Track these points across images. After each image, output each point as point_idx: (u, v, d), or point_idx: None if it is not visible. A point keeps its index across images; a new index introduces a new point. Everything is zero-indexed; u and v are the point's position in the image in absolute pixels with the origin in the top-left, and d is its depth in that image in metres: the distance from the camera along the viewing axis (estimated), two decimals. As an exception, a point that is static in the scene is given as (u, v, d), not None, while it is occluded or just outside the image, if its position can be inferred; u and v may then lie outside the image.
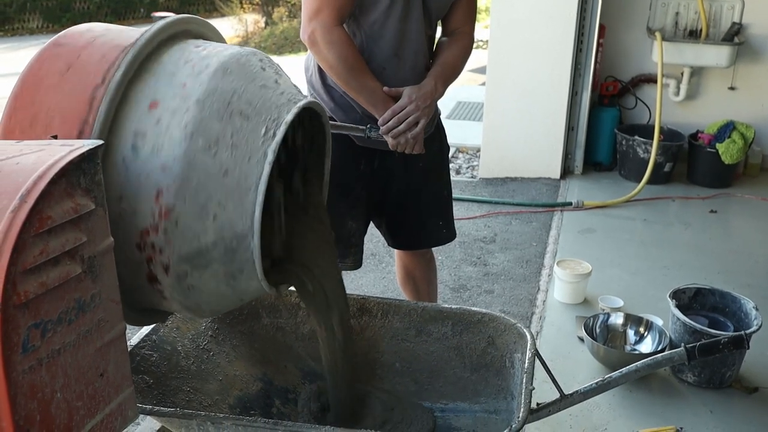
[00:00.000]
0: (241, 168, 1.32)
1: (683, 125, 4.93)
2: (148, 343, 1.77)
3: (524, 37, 4.66)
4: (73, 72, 1.30)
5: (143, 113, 1.29)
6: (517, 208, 4.47)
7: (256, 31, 14.57)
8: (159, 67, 1.34)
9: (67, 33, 1.37)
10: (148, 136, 1.28)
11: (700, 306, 2.80)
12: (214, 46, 1.43)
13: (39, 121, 1.27)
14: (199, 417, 1.48)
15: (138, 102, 1.30)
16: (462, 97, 7.18)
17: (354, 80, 2.04)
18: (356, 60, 2.02)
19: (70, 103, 1.27)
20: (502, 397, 1.85)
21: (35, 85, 1.30)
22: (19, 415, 0.98)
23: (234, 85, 1.35)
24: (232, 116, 1.32)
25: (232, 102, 1.33)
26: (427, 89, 2.09)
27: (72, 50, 1.33)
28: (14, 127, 1.29)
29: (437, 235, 2.45)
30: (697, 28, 4.89)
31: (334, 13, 1.97)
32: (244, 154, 1.32)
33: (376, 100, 2.06)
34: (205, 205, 1.30)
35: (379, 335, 1.94)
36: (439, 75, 2.14)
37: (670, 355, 1.87)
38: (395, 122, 2.05)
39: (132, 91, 1.30)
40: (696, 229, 4.17)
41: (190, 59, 1.36)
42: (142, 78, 1.32)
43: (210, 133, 1.29)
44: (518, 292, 3.45)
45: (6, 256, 0.94)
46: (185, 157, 1.27)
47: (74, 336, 1.08)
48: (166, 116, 1.29)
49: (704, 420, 2.47)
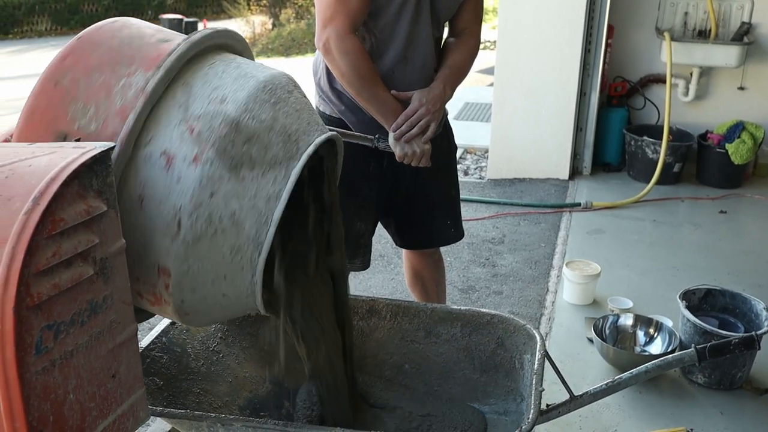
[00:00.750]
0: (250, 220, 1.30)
1: (692, 125, 4.92)
2: (159, 345, 1.78)
3: (532, 37, 4.65)
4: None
5: (152, 160, 1.26)
6: (525, 209, 4.47)
7: (264, 32, 14.61)
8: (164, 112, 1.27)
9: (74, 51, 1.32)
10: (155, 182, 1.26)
11: (710, 307, 2.79)
12: (221, 94, 1.30)
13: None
14: (209, 419, 1.48)
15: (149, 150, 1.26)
16: (470, 98, 7.18)
17: (365, 91, 2.05)
18: (368, 70, 2.03)
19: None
20: (512, 399, 1.85)
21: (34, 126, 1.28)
22: (32, 416, 0.99)
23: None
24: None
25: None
26: (437, 92, 2.10)
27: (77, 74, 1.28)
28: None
29: (445, 235, 2.45)
30: (707, 28, 4.88)
31: (348, 20, 1.98)
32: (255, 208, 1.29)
33: (386, 111, 2.07)
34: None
35: (388, 337, 1.94)
36: (448, 78, 2.14)
37: (680, 356, 1.86)
38: (407, 127, 2.06)
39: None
40: (706, 229, 4.15)
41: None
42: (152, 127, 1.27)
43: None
44: (527, 293, 3.45)
45: (19, 258, 0.95)
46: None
47: (87, 337, 1.08)
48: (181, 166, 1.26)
49: (714, 421, 2.46)
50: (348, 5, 1.96)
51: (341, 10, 1.96)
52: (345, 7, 1.96)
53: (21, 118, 1.27)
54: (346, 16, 1.97)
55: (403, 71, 2.11)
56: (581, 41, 4.59)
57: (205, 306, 1.35)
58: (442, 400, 1.87)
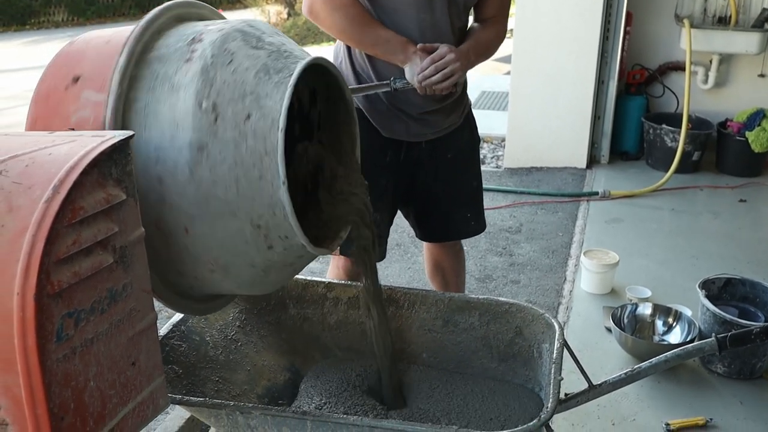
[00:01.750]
0: (263, 167, 1.28)
1: (712, 113, 4.87)
2: (177, 334, 1.79)
3: (550, 25, 4.62)
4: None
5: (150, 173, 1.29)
6: (542, 198, 4.44)
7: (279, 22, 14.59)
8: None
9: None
10: (167, 186, 1.28)
11: (730, 296, 2.77)
12: (180, 59, 1.31)
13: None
14: (228, 407, 1.49)
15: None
16: (486, 87, 7.15)
17: (366, 36, 2.01)
18: (364, 16, 2.00)
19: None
20: (530, 388, 1.84)
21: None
22: (53, 403, 1.00)
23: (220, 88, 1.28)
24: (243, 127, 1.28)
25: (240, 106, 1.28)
26: (465, 50, 2.04)
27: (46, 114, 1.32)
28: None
29: (465, 228, 2.42)
30: (726, 15, 4.82)
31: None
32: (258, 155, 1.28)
33: (394, 48, 2.01)
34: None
35: (406, 326, 1.94)
36: (473, 46, 2.08)
37: (700, 345, 1.85)
38: (433, 70, 1.97)
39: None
40: (725, 218, 4.12)
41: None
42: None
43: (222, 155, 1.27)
44: (544, 282, 3.43)
45: (40, 246, 0.95)
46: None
47: (107, 325, 1.09)
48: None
49: (734, 411, 2.44)
50: None
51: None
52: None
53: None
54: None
55: (421, 60, 2.07)
56: (599, 29, 4.55)
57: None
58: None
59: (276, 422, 1.47)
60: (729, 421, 2.38)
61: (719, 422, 2.37)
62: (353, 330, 1.96)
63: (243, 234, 1.30)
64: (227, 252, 1.32)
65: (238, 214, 1.28)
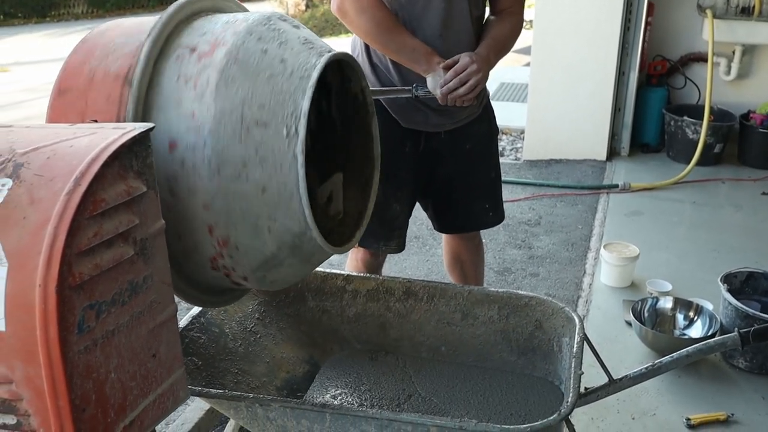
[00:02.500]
0: (277, 179, 1.28)
1: (734, 105, 4.81)
2: (197, 326, 1.79)
3: (570, 16, 4.58)
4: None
5: (166, 157, 1.27)
6: (562, 191, 4.42)
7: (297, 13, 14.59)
8: (160, 97, 1.29)
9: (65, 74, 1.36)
10: (179, 179, 1.27)
11: (752, 290, 2.74)
12: (206, 42, 1.33)
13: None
14: (247, 399, 1.49)
15: (157, 146, 1.26)
16: (506, 79, 7.11)
17: (392, 41, 2.01)
18: (390, 21, 2.00)
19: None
20: (550, 381, 1.83)
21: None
22: (75, 394, 1.00)
23: (241, 93, 1.27)
24: (249, 131, 1.26)
25: (245, 115, 1.26)
26: (484, 54, 2.04)
27: (79, 103, 1.32)
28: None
29: (484, 218, 2.42)
30: (750, 5, 4.74)
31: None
32: (275, 164, 1.27)
33: (418, 57, 2.01)
34: (256, 224, 1.30)
35: (425, 319, 1.94)
36: (491, 46, 2.08)
37: (723, 340, 1.83)
38: (457, 83, 1.97)
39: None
40: (747, 211, 4.07)
41: (187, 74, 1.29)
42: (151, 116, 1.28)
43: (235, 160, 1.25)
44: (564, 275, 3.41)
45: (62, 238, 0.95)
46: (221, 191, 1.26)
47: (127, 317, 1.09)
48: (188, 155, 1.26)
49: (756, 406, 2.42)
50: None
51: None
52: None
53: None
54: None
55: (440, 49, 2.06)
56: (620, 19, 4.50)
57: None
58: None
59: (295, 415, 1.47)
60: (750, 417, 2.36)
61: (740, 417, 2.35)
62: (372, 323, 1.96)
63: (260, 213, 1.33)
64: (242, 233, 1.33)
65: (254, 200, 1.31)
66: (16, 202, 1.00)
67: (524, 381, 1.86)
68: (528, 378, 1.86)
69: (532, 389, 1.83)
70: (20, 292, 0.97)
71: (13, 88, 8.51)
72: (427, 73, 2.02)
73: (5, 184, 1.01)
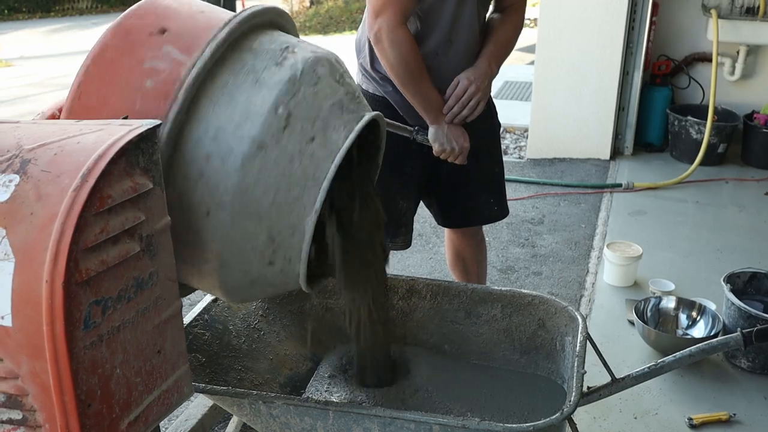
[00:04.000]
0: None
1: (738, 105, 4.81)
2: (201, 322, 1.80)
3: (575, 14, 4.57)
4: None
5: (207, 141, 1.28)
6: (565, 189, 4.42)
7: (301, 10, 14.58)
8: (215, 90, 1.30)
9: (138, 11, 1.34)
10: (204, 174, 1.28)
11: (755, 290, 2.74)
12: (271, 60, 1.35)
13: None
14: (251, 396, 1.49)
15: (200, 131, 1.28)
16: (509, 77, 7.10)
17: (412, 84, 2.05)
18: (417, 64, 2.02)
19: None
20: (553, 380, 1.84)
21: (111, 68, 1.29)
22: (81, 389, 1.01)
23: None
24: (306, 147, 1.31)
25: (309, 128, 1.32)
26: (483, 69, 2.10)
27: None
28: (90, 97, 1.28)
29: (488, 213, 2.44)
30: (755, 5, 4.74)
31: (399, 11, 1.97)
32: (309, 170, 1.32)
33: (429, 107, 2.08)
34: (246, 246, 1.33)
35: (428, 317, 1.94)
36: (493, 54, 2.13)
37: (725, 340, 1.83)
38: (459, 108, 2.08)
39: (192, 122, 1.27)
40: (751, 211, 4.07)
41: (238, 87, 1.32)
42: (200, 103, 1.29)
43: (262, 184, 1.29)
44: (567, 274, 3.42)
45: (68, 234, 0.96)
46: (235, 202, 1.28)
47: (133, 313, 1.09)
48: (217, 157, 1.27)
49: (758, 406, 2.42)
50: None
51: (392, 1, 1.96)
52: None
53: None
54: (396, 6, 1.96)
55: (447, 53, 2.09)
56: (625, 19, 4.50)
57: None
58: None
59: (298, 412, 1.47)
60: (753, 417, 2.36)
61: (743, 417, 2.35)
62: (375, 320, 1.96)
63: (256, 240, 1.32)
64: (232, 249, 1.32)
65: (262, 220, 1.30)
66: (23, 198, 1.00)
67: (527, 380, 1.86)
68: (531, 377, 1.86)
69: (534, 388, 1.84)
70: (27, 287, 0.97)
71: (17, 83, 8.52)
72: (432, 124, 2.10)
73: (12, 180, 1.02)
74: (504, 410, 1.75)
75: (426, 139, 2.12)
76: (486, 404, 1.77)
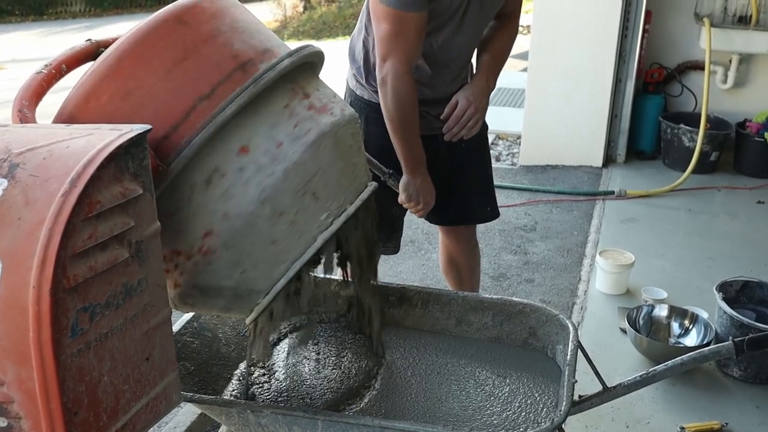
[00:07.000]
0: (288, 242, 1.35)
1: (730, 113, 4.82)
2: (190, 330, 1.79)
3: (568, 22, 4.58)
4: (186, 67, 1.26)
5: (231, 153, 1.28)
6: (557, 197, 4.42)
7: (295, 15, 14.59)
8: (264, 110, 1.31)
9: (194, 10, 1.31)
10: (227, 178, 1.28)
11: (748, 299, 2.74)
12: (319, 100, 1.40)
13: (132, 99, 1.24)
14: (239, 405, 1.48)
15: (230, 139, 1.27)
16: (502, 83, 7.09)
17: (402, 133, 2.06)
18: (413, 117, 2.05)
19: (169, 101, 1.24)
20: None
21: (144, 60, 1.26)
22: (67, 397, 0.99)
23: (321, 163, 1.35)
24: (305, 194, 1.34)
25: (312, 181, 1.34)
26: (481, 86, 2.12)
27: (193, 37, 1.28)
28: (104, 90, 1.25)
29: (482, 213, 2.48)
30: (747, 14, 4.76)
31: (404, 58, 1.98)
32: (298, 231, 1.35)
33: (411, 159, 2.09)
34: (241, 260, 1.33)
35: (419, 325, 1.93)
36: (491, 68, 2.15)
37: (717, 348, 1.82)
38: (459, 128, 2.10)
39: (230, 126, 1.27)
40: (743, 219, 4.08)
41: (294, 113, 1.35)
42: (246, 115, 1.29)
43: (279, 205, 1.31)
44: (559, 281, 3.41)
45: (56, 240, 0.95)
46: (249, 218, 1.29)
47: (121, 320, 1.08)
48: (251, 169, 1.28)
49: (749, 416, 2.42)
50: (404, 44, 1.96)
51: (397, 48, 1.96)
52: (400, 45, 1.96)
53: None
54: (402, 54, 1.97)
55: (443, 77, 2.14)
56: (618, 27, 4.51)
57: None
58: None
59: (287, 421, 1.46)
60: (744, 426, 2.36)
61: (734, 427, 2.35)
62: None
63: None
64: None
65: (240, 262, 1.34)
66: (11, 203, 0.99)
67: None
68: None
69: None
70: (14, 293, 0.96)
71: (9, 86, 8.49)
72: (407, 174, 2.11)
73: (0, 184, 1.01)
74: (495, 418, 1.74)
75: (396, 185, 2.13)
76: (476, 412, 1.76)
